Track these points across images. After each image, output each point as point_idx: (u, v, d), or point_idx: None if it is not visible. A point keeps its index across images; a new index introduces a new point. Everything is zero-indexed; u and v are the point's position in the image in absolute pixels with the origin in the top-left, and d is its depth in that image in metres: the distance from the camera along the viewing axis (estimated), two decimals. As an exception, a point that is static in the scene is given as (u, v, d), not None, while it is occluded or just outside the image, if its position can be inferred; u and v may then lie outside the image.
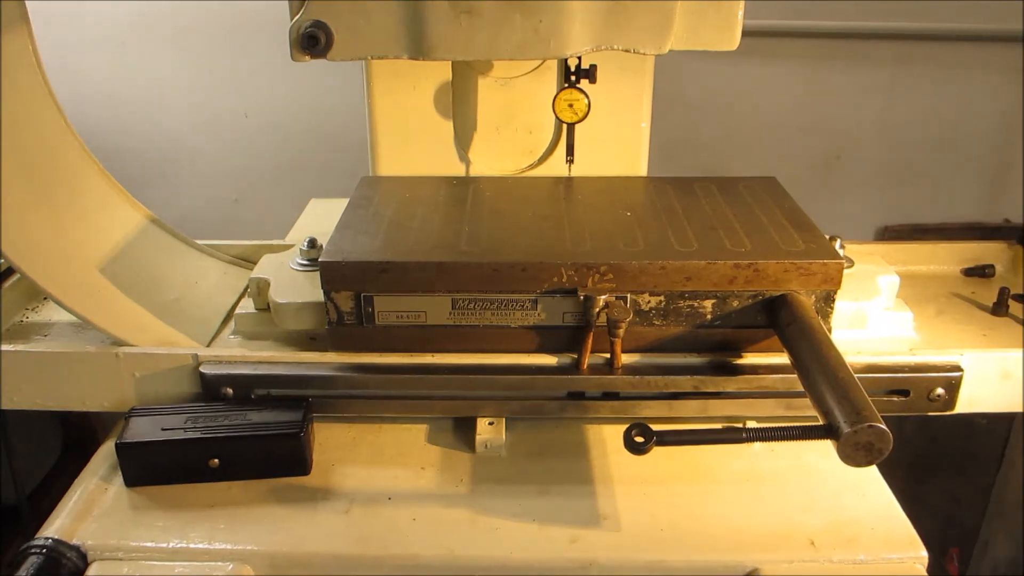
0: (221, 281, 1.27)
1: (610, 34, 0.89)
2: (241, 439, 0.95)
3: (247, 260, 1.32)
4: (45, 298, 1.25)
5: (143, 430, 0.95)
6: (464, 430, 1.04)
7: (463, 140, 1.36)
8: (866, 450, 0.78)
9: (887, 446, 0.78)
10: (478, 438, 1.00)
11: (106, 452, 1.00)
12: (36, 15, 2.17)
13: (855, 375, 0.84)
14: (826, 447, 0.80)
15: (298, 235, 1.37)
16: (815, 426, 0.81)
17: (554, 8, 0.87)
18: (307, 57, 0.89)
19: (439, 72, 1.30)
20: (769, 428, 0.81)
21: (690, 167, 2.44)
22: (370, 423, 1.06)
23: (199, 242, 1.32)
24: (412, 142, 1.34)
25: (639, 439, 0.80)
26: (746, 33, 2.31)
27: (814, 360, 0.87)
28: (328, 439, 1.03)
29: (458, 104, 1.33)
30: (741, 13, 0.91)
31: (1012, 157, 2.42)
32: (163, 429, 0.95)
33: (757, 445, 1.02)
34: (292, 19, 0.88)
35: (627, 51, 0.90)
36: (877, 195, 2.50)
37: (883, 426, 0.77)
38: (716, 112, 2.38)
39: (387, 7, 0.87)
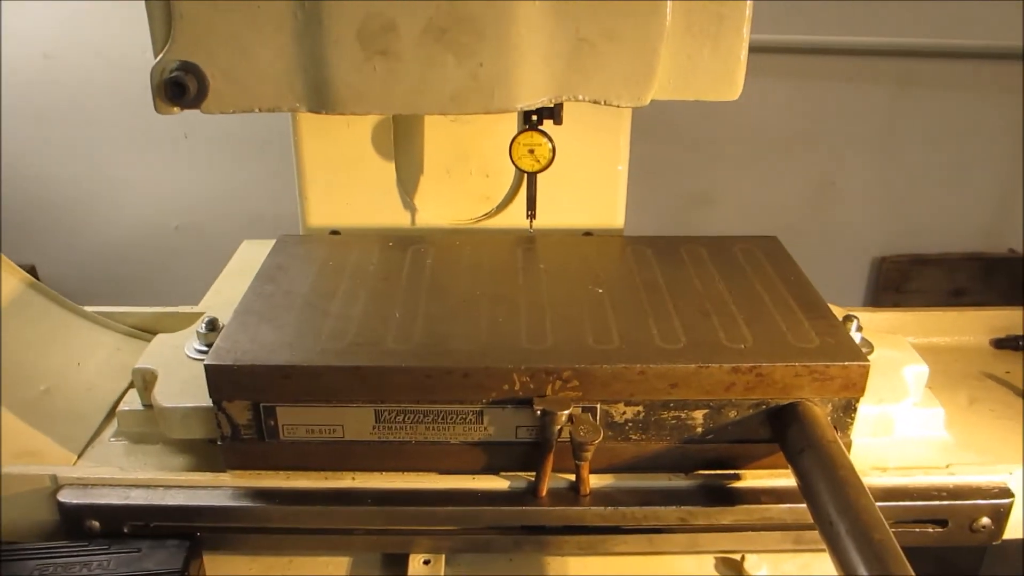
0: (112, 360, 1.05)
1: (575, 81, 0.69)
2: (100, 597, 0.74)
3: (148, 332, 1.10)
4: None
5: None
6: (394, 568, 0.83)
7: (407, 184, 1.15)
8: (913, 651, 0.58)
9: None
10: (410, 583, 0.79)
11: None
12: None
13: (892, 532, 0.64)
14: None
15: (215, 299, 1.15)
16: (844, 616, 0.60)
17: (499, 47, 0.66)
18: (175, 109, 0.68)
19: (377, 106, 1.09)
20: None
21: (674, 194, 2.24)
22: (279, 555, 0.85)
23: (92, 309, 1.10)
24: (347, 187, 1.13)
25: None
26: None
27: (842, 514, 0.67)
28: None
29: (401, 143, 1.13)
30: (744, 55, 0.70)
31: (1016, 183, 2.24)
32: (-2, 585, 0.74)
33: (759, 588, 0.82)
34: (155, 57, 0.67)
35: (596, 102, 0.70)
36: (874, 222, 2.31)
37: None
38: (702, 132, 2.18)
39: (276, 44, 0.66)
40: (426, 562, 0.81)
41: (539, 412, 0.76)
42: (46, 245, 2.22)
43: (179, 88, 0.66)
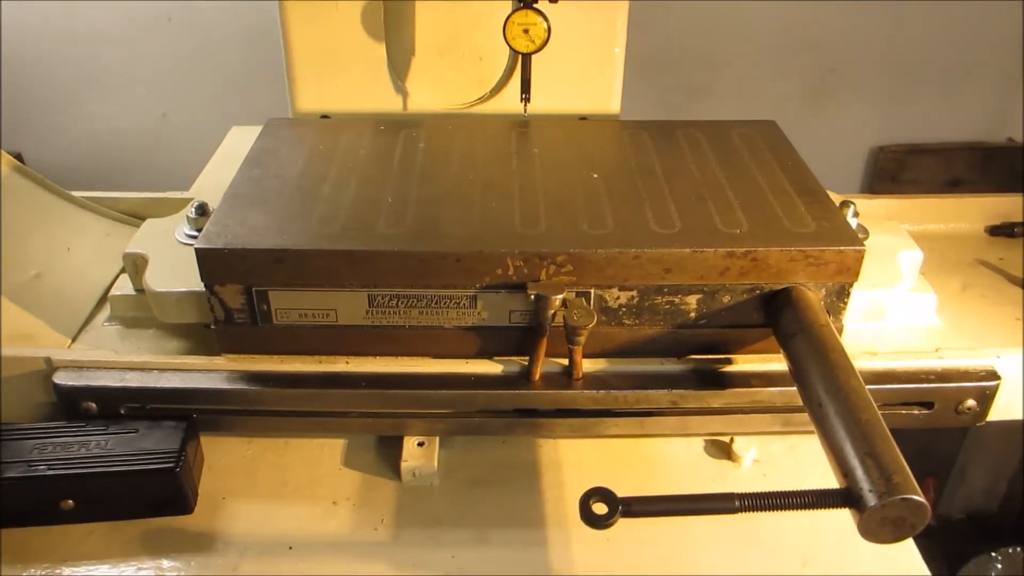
0: (101, 246, 1.04)
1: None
2: (100, 476, 0.75)
3: (138, 217, 1.09)
4: None
5: (-31, 467, 0.75)
6: (389, 449, 0.84)
7: (399, 68, 1.12)
8: (895, 525, 0.60)
9: (922, 521, 0.60)
10: (404, 465, 0.81)
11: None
12: None
13: (880, 413, 0.65)
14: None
15: (205, 183, 1.13)
16: (831, 491, 0.62)
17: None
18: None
19: (367, -15, 1.05)
20: (770, 495, 0.61)
21: (671, 87, 2.18)
22: (275, 437, 0.86)
23: (81, 194, 1.09)
24: (337, 71, 1.10)
25: (600, 510, 0.61)
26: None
27: (831, 395, 0.67)
28: (221, 459, 0.84)
29: (392, 24, 1.09)
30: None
31: (1015, 72, 2.19)
32: (2, 463, 0.75)
33: (751, 466, 0.84)
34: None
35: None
36: (872, 112, 2.27)
37: (920, 498, 0.58)
38: (700, 23, 2.11)
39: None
40: (420, 444, 0.82)
41: (533, 296, 0.76)
42: (32, 132, 2.17)
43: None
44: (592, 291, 0.78)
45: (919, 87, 2.22)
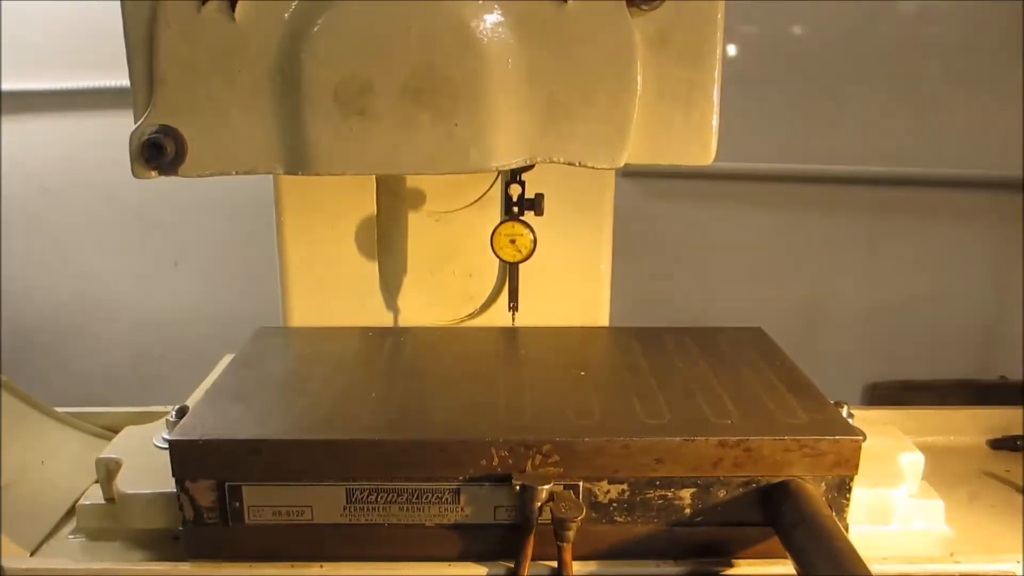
0: (77, 460, 1.01)
1: (549, 143, 0.69)
2: None
3: (117, 432, 1.06)
4: None
5: None
6: (366, 668, 0.76)
7: (391, 285, 1.15)
8: None
9: None
10: None
11: None
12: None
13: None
14: None
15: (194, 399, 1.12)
16: None
17: (473, 107, 0.67)
18: (152, 173, 0.68)
19: (362, 205, 1.10)
20: None
21: (660, 313, 2.24)
22: (240, 658, 0.78)
23: (64, 410, 1.07)
24: (330, 288, 1.12)
25: None
26: (717, 176, 2.15)
27: (838, 583, 0.62)
28: None
29: (384, 243, 1.13)
30: (715, 121, 0.72)
31: (1004, 311, 2.25)
32: None
33: None
34: (135, 123, 0.68)
35: (571, 164, 0.70)
36: (863, 350, 2.30)
37: None
38: (687, 260, 2.21)
39: (255, 107, 0.67)
40: (398, 660, 0.75)
41: (518, 487, 0.73)
42: (27, 367, 2.19)
43: (157, 149, 0.67)
44: (581, 484, 0.75)
45: (906, 323, 2.27)
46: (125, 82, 0.69)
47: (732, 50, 1.99)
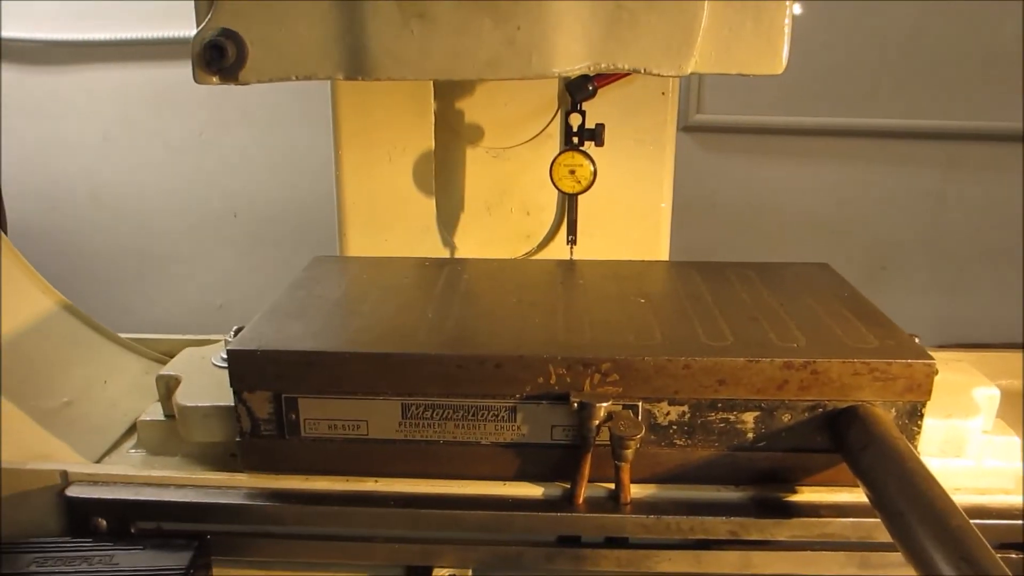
0: (137, 382, 1.02)
1: (612, 48, 0.67)
2: (98, 593, 0.68)
3: (177, 358, 1.08)
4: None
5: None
6: (418, 585, 0.76)
7: (447, 222, 1.14)
8: (1004, 643, 0.50)
9: (1037, 638, 0.50)
10: (432, 599, 0.73)
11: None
12: (18, 111, 2.02)
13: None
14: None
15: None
16: (922, 602, 0.53)
17: (536, 10, 0.65)
18: (214, 79, 0.67)
19: (419, 141, 1.09)
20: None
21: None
22: (293, 570, 0.79)
23: (126, 335, 1.09)
24: (387, 223, 1.12)
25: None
26: (781, 131, 2.09)
27: (909, 500, 0.60)
28: (233, 592, 0.76)
29: (442, 179, 1.12)
30: (787, 28, 0.68)
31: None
32: (-5, 577, 0.69)
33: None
34: (197, 27, 0.67)
35: (636, 71, 0.68)
36: (927, 310, 2.23)
37: (1031, 606, 0.50)
38: (748, 217, 2.15)
39: (316, 10, 0.66)
40: (451, 576, 0.75)
41: (576, 405, 0.71)
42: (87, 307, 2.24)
43: (218, 52, 0.66)
44: (640, 404, 0.73)
45: (974, 283, 2.19)
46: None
47: (798, 8, 1.92)
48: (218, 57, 0.66)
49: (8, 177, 2.06)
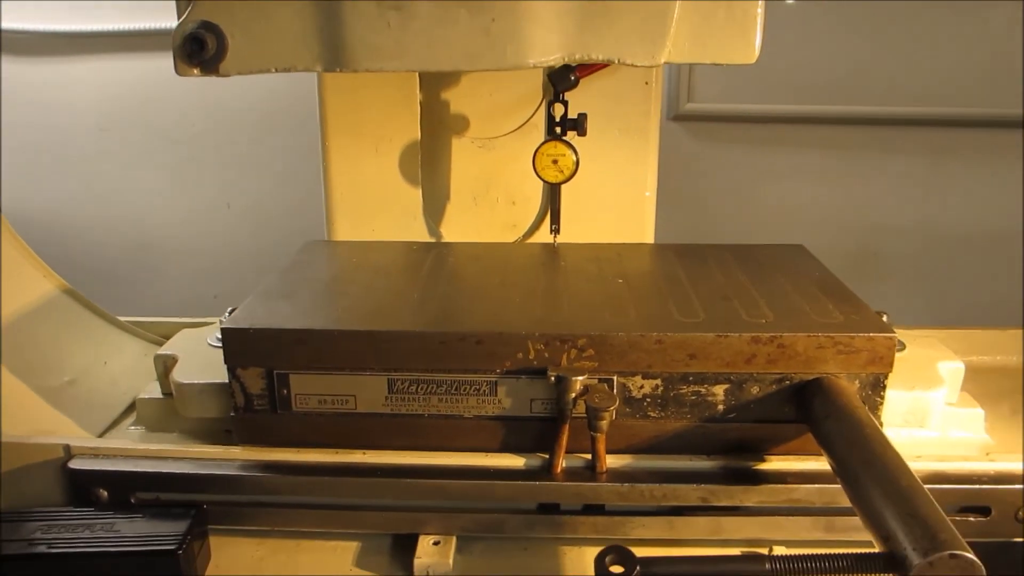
0: (136, 363, 1.06)
1: (587, 39, 0.70)
2: (101, 557, 0.72)
3: (175, 340, 1.11)
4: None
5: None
6: (404, 553, 0.80)
7: (433, 212, 1.17)
8: (946, 592, 0.54)
9: (976, 586, 0.54)
10: (417, 562, 0.76)
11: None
12: (17, 101, 2.04)
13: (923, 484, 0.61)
14: None
15: (242, 315, 1.17)
16: (871, 554, 0.56)
17: (510, 5, 0.68)
18: (194, 71, 0.70)
19: (406, 131, 1.12)
20: (805, 557, 0.56)
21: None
22: (285, 538, 0.82)
23: (124, 318, 1.12)
24: (374, 213, 1.14)
25: (616, 569, 0.56)
26: (772, 119, 2.12)
27: (865, 464, 0.63)
28: (228, 558, 0.80)
29: (428, 169, 1.15)
30: (759, 17, 0.71)
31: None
32: (1, 542, 0.72)
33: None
34: (178, 21, 0.70)
35: (610, 61, 0.71)
36: (918, 297, 2.27)
37: (970, 554, 0.53)
38: (737, 205, 2.19)
39: (295, 4, 0.69)
40: (436, 543, 0.78)
41: (553, 379, 0.75)
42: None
43: (198, 44, 0.69)
44: (615, 378, 0.76)
45: (965, 270, 2.22)
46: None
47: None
48: (198, 50, 0.69)
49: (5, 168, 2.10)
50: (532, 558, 0.80)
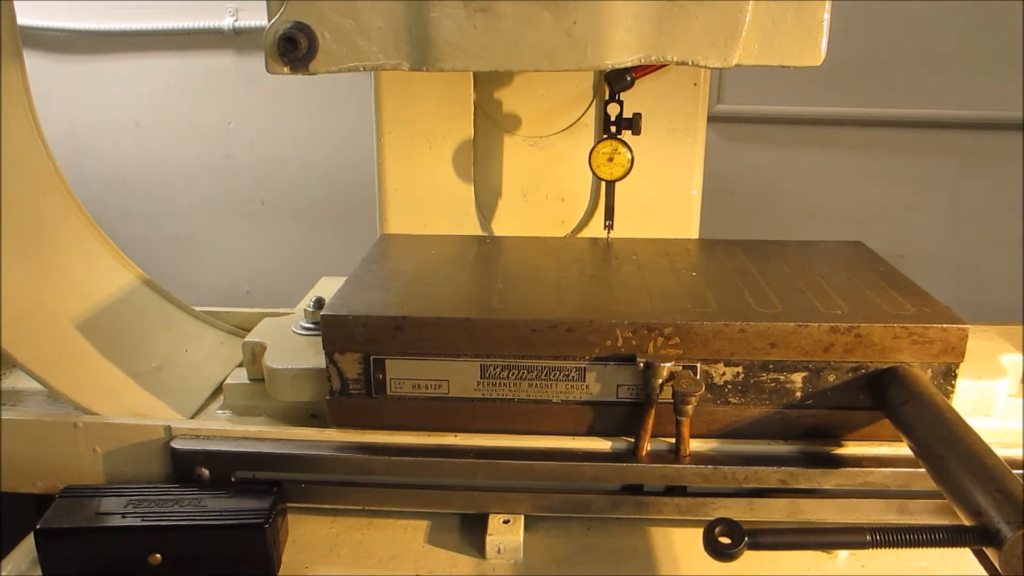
0: (215, 351, 1.10)
1: (663, 41, 0.73)
2: (189, 530, 0.76)
3: (248, 330, 1.15)
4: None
5: (71, 514, 0.76)
6: (473, 530, 0.83)
7: (485, 207, 1.20)
8: (1038, 563, 0.57)
9: (1067, 557, 0.57)
10: (489, 539, 0.80)
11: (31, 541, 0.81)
12: (53, 95, 2.08)
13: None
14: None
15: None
16: (965, 527, 0.60)
17: (592, 7, 0.71)
18: (285, 68, 0.74)
19: (459, 129, 1.15)
20: (903, 529, 0.60)
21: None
22: (357, 517, 0.86)
23: (200, 309, 1.16)
24: (427, 209, 1.17)
25: (725, 539, 0.60)
26: (800, 121, 2.15)
27: (948, 444, 0.67)
28: (304, 535, 0.84)
29: (480, 166, 1.18)
30: (826, 20, 0.75)
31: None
32: (97, 514, 0.76)
33: (845, 555, 0.80)
34: (269, 21, 0.74)
35: (684, 63, 0.74)
36: (947, 298, 2.29)
37: (1061, 530, 0.57)
38: (768, 206, 2.22)
39: (383, 6, 0.72)
40: (505, 521, 0.82)
41: (642, 365, 0.78)
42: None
43: (291, 44, 0.72)
44: (699, 366, 0.80)
45: (994, 270, 2.24)
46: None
47: None
48: (291, 49, 0.73)
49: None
50: (595, 538, 0.83)
